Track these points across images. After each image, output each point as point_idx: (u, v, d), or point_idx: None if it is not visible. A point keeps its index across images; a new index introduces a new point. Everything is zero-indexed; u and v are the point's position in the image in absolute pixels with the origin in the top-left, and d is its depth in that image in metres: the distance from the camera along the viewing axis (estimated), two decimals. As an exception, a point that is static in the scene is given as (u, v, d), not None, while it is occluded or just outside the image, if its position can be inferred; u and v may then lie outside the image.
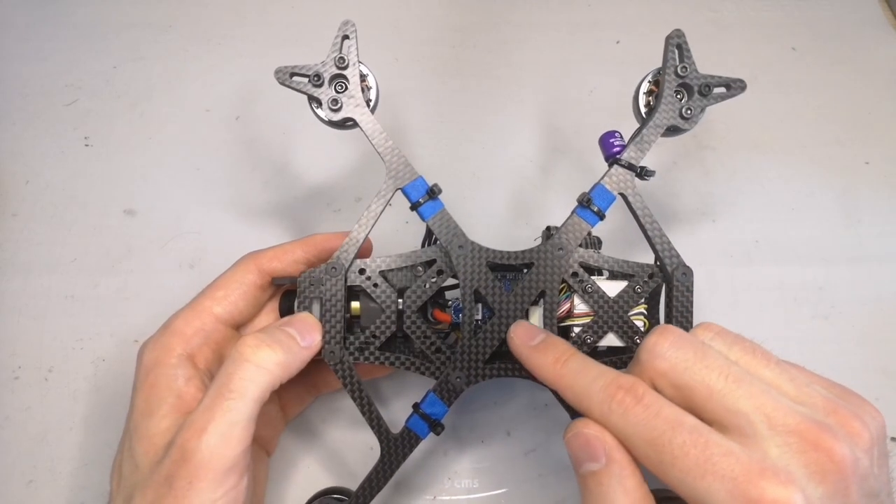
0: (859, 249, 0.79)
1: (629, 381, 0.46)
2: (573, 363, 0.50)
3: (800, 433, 0.41)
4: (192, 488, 0.49)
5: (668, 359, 0.46)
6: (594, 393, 0.46)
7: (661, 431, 0.42)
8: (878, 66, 0.90)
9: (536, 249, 0.59)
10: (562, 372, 0.50)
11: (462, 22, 0.91)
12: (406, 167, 0.59)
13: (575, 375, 0.49)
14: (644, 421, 0.43)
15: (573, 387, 0.49)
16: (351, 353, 0.59)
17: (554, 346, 0.52)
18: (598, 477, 0.45)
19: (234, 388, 0.51)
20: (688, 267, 0.58)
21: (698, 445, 0.41)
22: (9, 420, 0.70)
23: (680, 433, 0.42)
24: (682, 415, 0.43)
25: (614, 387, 0.45)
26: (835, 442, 0.41)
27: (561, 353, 0.51)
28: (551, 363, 0.51)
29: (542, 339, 0.54)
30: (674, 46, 0.59)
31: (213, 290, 0.61)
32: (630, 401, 0.44)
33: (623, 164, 0.59)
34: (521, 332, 0.55)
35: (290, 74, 0.59)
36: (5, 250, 0.77)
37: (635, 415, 0.44)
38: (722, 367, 0.44)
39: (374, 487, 0.58)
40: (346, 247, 0.59)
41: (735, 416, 0.42)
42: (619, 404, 0.45)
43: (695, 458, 0.41)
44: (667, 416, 0.43)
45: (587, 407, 0.47)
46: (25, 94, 0.84)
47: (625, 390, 0.45)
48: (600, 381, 0.47)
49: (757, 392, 0.43)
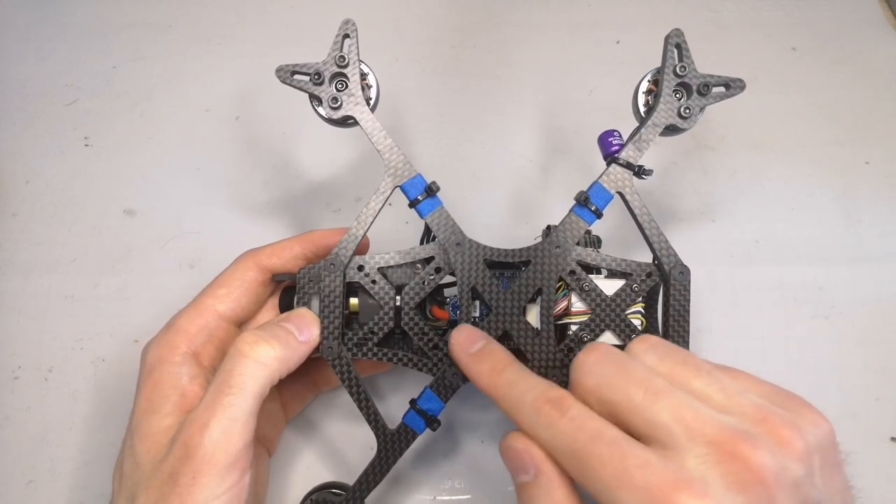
0: (859, 249, 0.79)
1: (557, 394, 0.46)
2: (508, 374, 0.50)
3: (717, 443, 0.41)
4: (196, 484, 0.49)
5: (593, 375, 0.46)
6: (524, 405, 0.47)
7: (582, 443, 0.43)
8: (878, 66, 0.89)
9: (534, 247, 0.59)
10: (496, 382, 0.51)
11: (462, 22, 0.91)
12: (405, 165, 0.59)
13: (508, 386, 0.49)
14: (568, 433, 0.44)
15: (506, 397, 0.49)
16: (349, 348, 0.59)
17: (491, 355, 0.53)
18: (528, 489, 0.46)
19: (234, 383, 0.52)
20: (685, 266, 0.58)
21: (615, 457, 0.41)
22: (9, 420, 0.70)
23: (599, 445, 0.42)
24: (604, 427, 0.43)
25: (542, 400, 0.46)
26: (753, 451, 0.40)
27: (497, 363, 0.52)
28: (487, 372, 0.52)
29: (480, 346, 0.54)
30: (673, 46, 0.59)
31: (215, 288, 0.61)
32: (556, 414, 0.45)
33: (621, 162, 0.59)
34: (461, 338, 0.55)
35: (292, 73, 0.59)
36: (5, 250, 0.77)
37: (560, 427, 0.44)
38: (643, 381, 0.44)
39: (372, 482, 0.58)
40: (345, 243, 0.59)
41: (655, 429, 0.42)
42: (545, 417, 0.45)
43: (612, 468, 0.41)
44: (589, 428, 0.43)
45: (517, 418, 0.48)
46: (25, 94, 0.84)
47: (552, 403, 0.45)
48: (530, 393, 0.47)
49: (677, 403, 0.43)
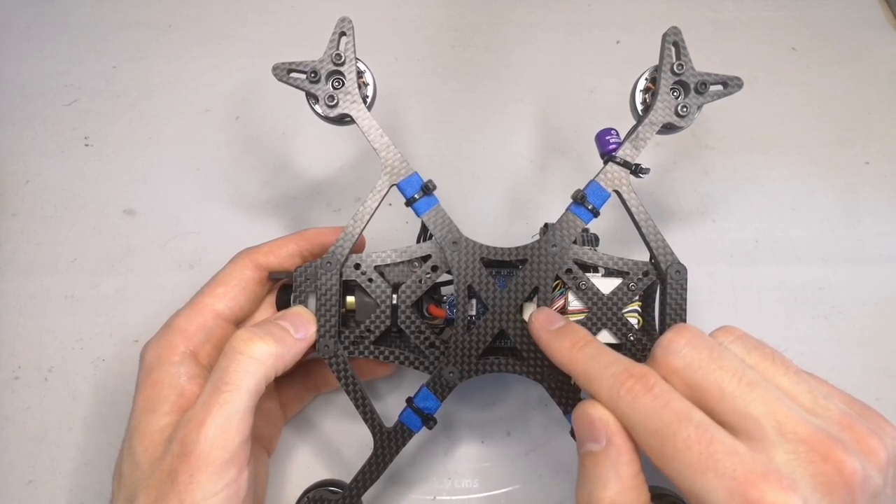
0: (859, 249, 0.79)
1: (642, 370, 0.46)
2: (589, 349, 0.50)
3: (810, 443, 0.40)
4: (194, 482, 0.49)
5: (682, 356, 0.46)
6: (606, 378, 0.46)
7: (667, 422, 0.42)
8: (878, 66, 0.89)
9: (530, 246, 0.59)
10: (577, 356, 0.50)
11: (462, 22, 0.91)
12: (401, 163, 0.59)
13: (589, 360, 0.49)
14: (651, 410, 0.43)
15: (587, 370, 0.49)
16: (345, 346, 0.59)
17: (572, 332, 0.53)
18: (595, 458, 0.45)
19: (229, 380, 0.52)
20: (682, 264, 0.58)
21: (703, 441, 0.41)
22: (9, 420, 0.70)
23: (686, 427, 0.42)
24: (690, 409, 0.43)
25: (626, 374, 0.45)
26: (846, 455, 0.40)
27: (578, 339, 0.51)
28: (568, 347, 0.51)
29: (561, 324, 0.54)
30: (670, 44, 0.59)
31: (213, 288, 0.61)
32: (640, 389, 0.44)
33: (618, 161, 0.59)
34: (542, 317, 0.55)
35: (288, 71, 0.59)
36: (5, 250, 0.77)
37: (644, 403, 0.44)
38: (736, 370, 0.44)
39: (368, 480, 0.58)
40: (342, 242, 0.59)
41: (745, 420, 0.42)
42: (628, 391, 0.45)
43: (698, 452, 0.40)
44: (675, 408, 0.43)
45: (597, 390, 0.47)
46: (25, 94, 0.84)
47: (636, 378, 0.45)
48: (613, 367, 0.47)
49: (770, 398, 0.42)
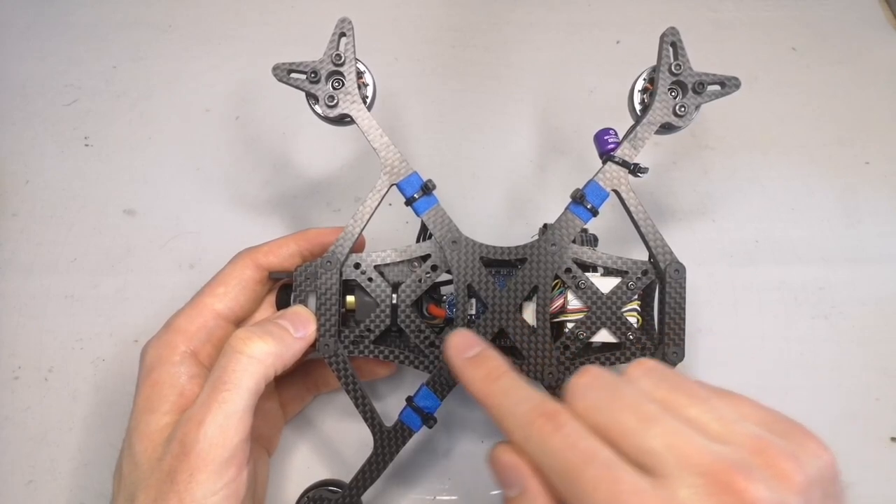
0: (859, 249, 0.79)
1: (553, 408, 0.44)
2: (503, 382, 0.48)
3: (711, 474, 0.39)
4: (194, 481, 0.49)
5: (584, 399, 0.45)
6: (517, 416, 0.45)
7: (574, 463, 0.41)
8: (878, 66, 0.89)
9: (529, 245, 0.59)
10: (490, 389, 0.49)
11: (462, 22, 0.91)
12: (401, 163, 0.59)
13: (502, 395, 0.48)
14: (560, 450, 0.42)
15: (499, 406, 0.47)
16: (345, 346, 0.60)
17: (487, 361, 0.51)
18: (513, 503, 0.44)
19: (228, 379, 0.52)
20: (680, 264, 0.58)
21: (608, 481, 0.40)
22: (9, 420, 0.70)
23: (592, 467, 0.41)
24: (598, 448, 0.42)
25: (537, 412, 0.44)
26: (748, 483, 0.39)
27: (493, 370, 0.50)
28: (481, 378, 0.50)
29: (477, 351, 0.52)
30: (668, 44, 0.60)
31: (213, 287, 0.61)
32: (549, 428, 0.43)
33: (617, 160, 0.60)
34: (457, 342, 0.53)
35: (288, 71, 0.59)
36: (5, 250, 0.77)
37: (552, 444, 0.43)
38: (635, 406, 0.43)
39: (368, 480, 0.59)
40: (342, 241, 0.59)
41: (647, 456, 0.41)
42: (538, 431, 0.43)
43: (604, 493, 0.39)
44: (582, 447, 0.42)
45: (509, 429, 0.46)
46: (25, 94, 0.84)
47: (546, 417, 0.44)
48: (525, 404, 0.45)
49: (670, 431, 0.42)
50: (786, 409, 0.72)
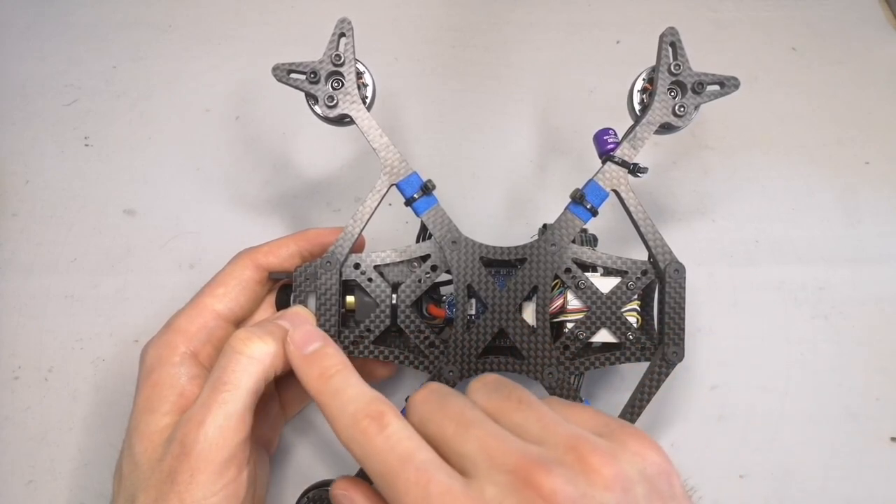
0: (859, 249, 0.79)
1: (379, 409, 0.45)
2: (336, 381, 0.49)
3: (514, 471, 0.40)
4: (194, 481, 0.50)
5: (416, 412, 0.46)
6: (344, 416, 0.46)
7: (391, 465, 0.42)
8: (878, 66, 0.89)
9: (529, 245, 0.60)
10: (322, 388, 0.49)
11: (462, 22, 0.91)
12: (401, 163, 0.60)
13: (332, 394, 0.48)
14: (380, 453, 0.43)
15: (328, 406, 0.48)
16: (345, 346, 0.60)
17: (322, 359, 0.51)
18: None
19: (228, 380, 0.52)
20: (680, 263, 0.58)
21: (420, 482, 0.41)
22: (9, 420, 0.70)
23: (407, 469, 0.41)
24: (417, 450, 0.43)
25: (363, 413, 0.45)
26: (546, 477, 0.39)
27: (327, 368, 0.50)
28: (315, 377, 0.50)
29: (315, 348, 0.53)
30: (667, 44, 0.60)
31: (213, 288, 0.61)
32: (373, 429, 0.44)
33: (616, 160, 0.60)
34: (297, 337, 0.53)
35: (288, 71, 0.60)
36: (5, 250, 0.77)
37: (374, 446, 0.44)
38: (458, 415, 0.44)
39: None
40: (341, 241, 0.59)
41: (462, 459, 0.42)
42: (362, 432, 0.44)
43: (415, 495, 0.40)
44: (401, 449, 0.43)
45: (337, 429, 0.47)
46: (25, 94, 0.84)
47: (371, 418, 0.45)
48: (353, 405, 0.46)
49: (485, 434, 0.43)
50: (786, 409, 0.72)
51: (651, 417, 0.71)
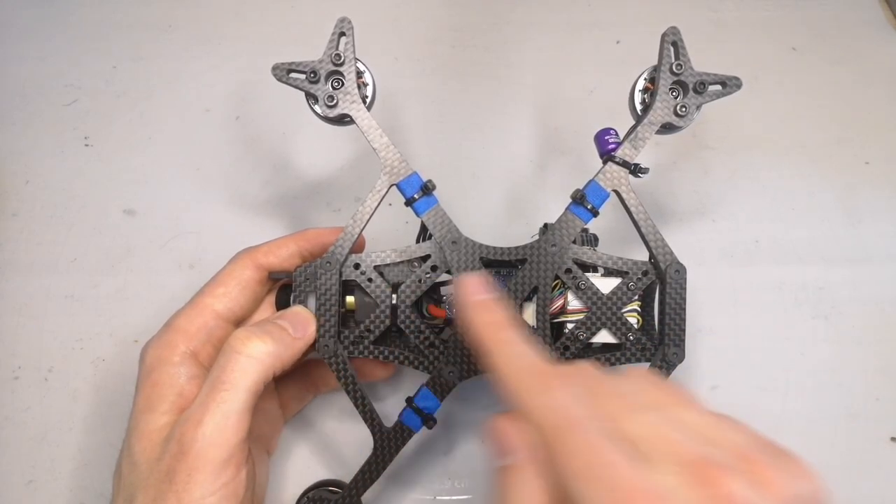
0: (859, 249, 0.79)
1: (552, 369, 0.45)
2: (509, 333, 0.49)
3: (693, 466, 0.39)
4: (192, 481, 0.50)
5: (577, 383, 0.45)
6: (516, 368, 0.46)
7: (562, 423, 0.42)
8: (878, 66, 0.89)
9: (529, 245, 0.59)
10: (494, 336, 0.49)
11: (462, 22, 0.91)
12: (401, 163, 0.59)
13: (506, 343, 0.48)
14: (551, 409, 0.43)
15: (499, 353, 0.48)
16: (345, 346, 0.60)
17: (495, 309, 0.51)
18: (508, 472, 0.44)
19: (227, 379, 0.52)
20: (681, 264, 0.58)
21: (592, 449, 0.40)
22: (9, 420, 0.70)
23: (579, 432, 0.41)
24: (588, 418, 0.42)
25: (536, 368, 0.45)
26: (729, 480, 0.39)
27: (501, 319, 0.50)
28: (488, 322, 0.50)
29: (488, 297, 0.52)
30: (669, 44, 0.60)
31: (213, 288, 0.61)
32: (542, 387, 0.44)
33: (617, 160, 0.59)
34: (470, 282, 0.52)
35: (288, 71, 0.59)
36: (5, 250, 0.77)
37: (544, 401, 0.43)
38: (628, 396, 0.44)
39: (368, 480, 0.59)
40: (341, 242, 0.59)
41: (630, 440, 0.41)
42: (532, 386, 0.44)
43: (585, 459, 0.40)
44: (573, 412, 0.42)
45: (505, 376, 0.46)
46: (25, 94, 0.84)
47: (542, 375, 0.45)
48: (526, 359, 0.46)
49: (658, 422, 0.42)
50: (786, 409, 0.72)
51: (651, 417, 0.71)
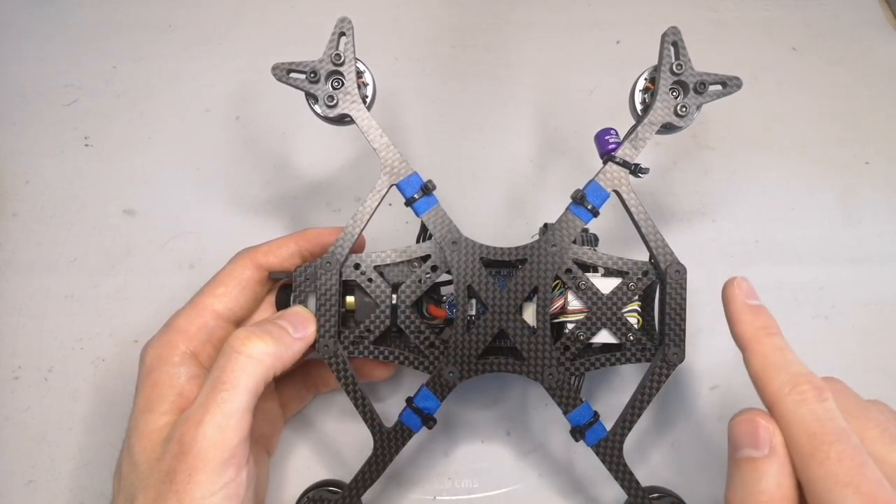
0: (859, 249, 0.79)
1: (819, 382, 0.48)
2: (779, 339, 0.52)
3: None
4: (192, 481, 0.49)
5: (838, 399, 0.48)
6: (785, 373, 0.49)
7: (828, 431, 0.45)
8: (878, 66, 0.89)
9: (529, 246, 0.59)
10: (765, 340, 0.52)
11: (462, 22, 0.91)
12: (401, 163, 0.59)
13: (776, 350, 0.51)
14: (816, 416, 0.46)
15: (768, 357, 0.51)
16: (345, 346, 0.59)
17: (767, 316, 0.54)
18: (755, 464, 0.47)
19: (227, 379, 0.52)
20: (681, 264, 0.58)
21: (855, 460, 0.44)
22: (9, 420, 0.70)
23: (844, 442, 0.44)
24: (850, 433, 0.45)
25: (804, 378, 0.48)
26: None
27: (771, 325, 0.53)
28: (759, 327, 0.53)
29: (759, 303, 0.55)
30: (669, 43, 0.59)
31: (213, 288, 0.61)
32: (813, 396, 0.47)
33: (617, 161, 0.59)
34: (746, 286, 0.56)
35: (288, 71, 0.59)
36: (5, 250, 0.77)
37: (811, 408, 0.46)
38: (880, 423, 0.48)
39: (368, 480, 0.58)
40: (341, 242, 0.59)
41: (884, 465, 0.45)
42: (801, 393, 0.47)
43: (847, 468, 0.43)
44: (839, 424, 0.46)
45: (770, 378, 0.49)
46: (25, 94, 0.84)
47: (812, 385, 0.47)
48: (795, 366, 0.49)
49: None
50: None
51: (651, 417, 0.71)
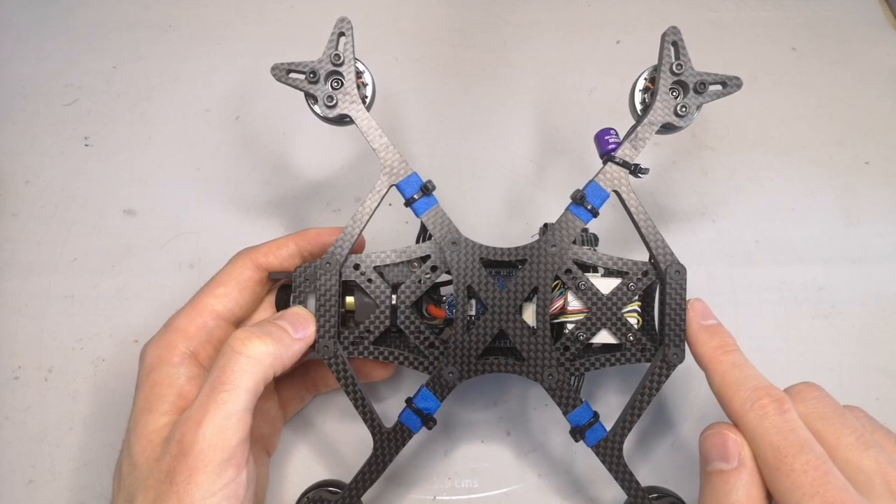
0: (859, 249, 0.79)
1: (779, 394, 0.50)
2: (736, 356, 0.54)
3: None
4: (192, 482, 0.49)
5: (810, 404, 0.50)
6: (744, 389, 0.50)
7: (790, 443, 0.46)
8: (878, 66, 0.89)
9: (529, 246, 0.59)
10: (722, 359, 0.54)
11: (462, 22, 0.91)
12: (401, 163, 0.59)
13: (733, 366, 0.53)
14: (779, 429, 0.47)
15: (727, 375, 0.52)
16: (345, 347, 0.59)
17: (723, 334, 0.56)
18: (725, 477, 0.48)
19: (227, 380, 0.52)
20: (681, 265, 0.58)
21: (819, 470, 0.44)
22: (9, 420, 0.70)
23: (807, 453, 0.45)
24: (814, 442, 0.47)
25: (764, 391, 0.50)
26: None
27: (727, 343, 0.55)
28: (715, 346, 0.55)
29: (715, 322, 0.57)
30: (669, 43, 0.59)
31: (213, 288, 0.61)
32: (773, 409, 0.48)
33: (617, 161, 0.59)
34: (700, 308, 0.58)
35: (287, 71, 0.59)
36: (5, 250, 0.77)
37: (772, 422, 0.48)
38: (856, 429, 0.48)
39: (368, 480, 0.58)
40: (341, 242, 0.59)
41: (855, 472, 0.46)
42: (761, 407, 0.49)
43: (812, 478, 0.44)
44: (801, 435, 0.47)
45: (731, 396, 0.51)
46: (25, 94, 0.84)
47: (772, 398, 0.49)
48: (754, 381, 0.51)
49: (884, 460, 0.46)
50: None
51: (651, 418, 0.71)
